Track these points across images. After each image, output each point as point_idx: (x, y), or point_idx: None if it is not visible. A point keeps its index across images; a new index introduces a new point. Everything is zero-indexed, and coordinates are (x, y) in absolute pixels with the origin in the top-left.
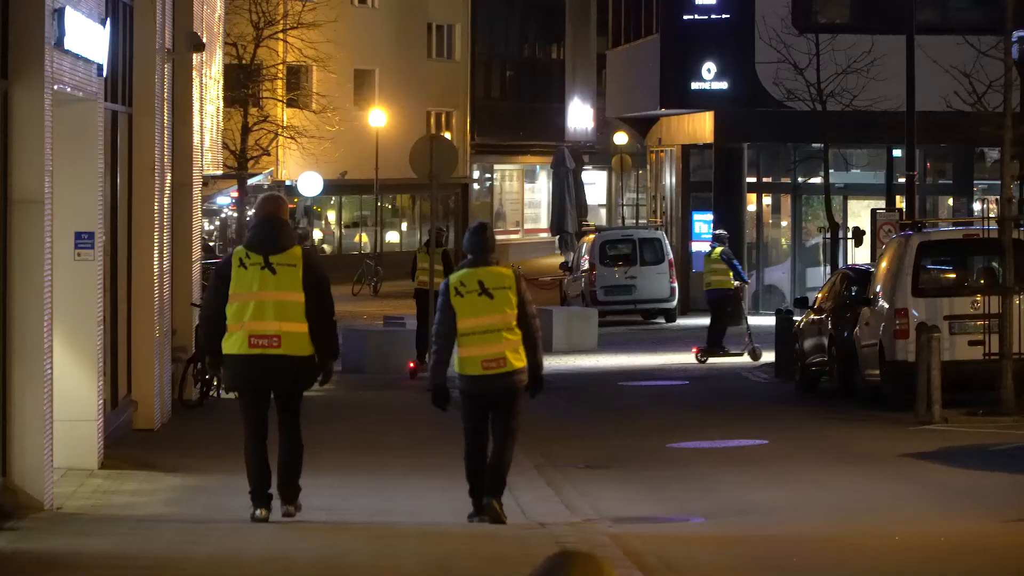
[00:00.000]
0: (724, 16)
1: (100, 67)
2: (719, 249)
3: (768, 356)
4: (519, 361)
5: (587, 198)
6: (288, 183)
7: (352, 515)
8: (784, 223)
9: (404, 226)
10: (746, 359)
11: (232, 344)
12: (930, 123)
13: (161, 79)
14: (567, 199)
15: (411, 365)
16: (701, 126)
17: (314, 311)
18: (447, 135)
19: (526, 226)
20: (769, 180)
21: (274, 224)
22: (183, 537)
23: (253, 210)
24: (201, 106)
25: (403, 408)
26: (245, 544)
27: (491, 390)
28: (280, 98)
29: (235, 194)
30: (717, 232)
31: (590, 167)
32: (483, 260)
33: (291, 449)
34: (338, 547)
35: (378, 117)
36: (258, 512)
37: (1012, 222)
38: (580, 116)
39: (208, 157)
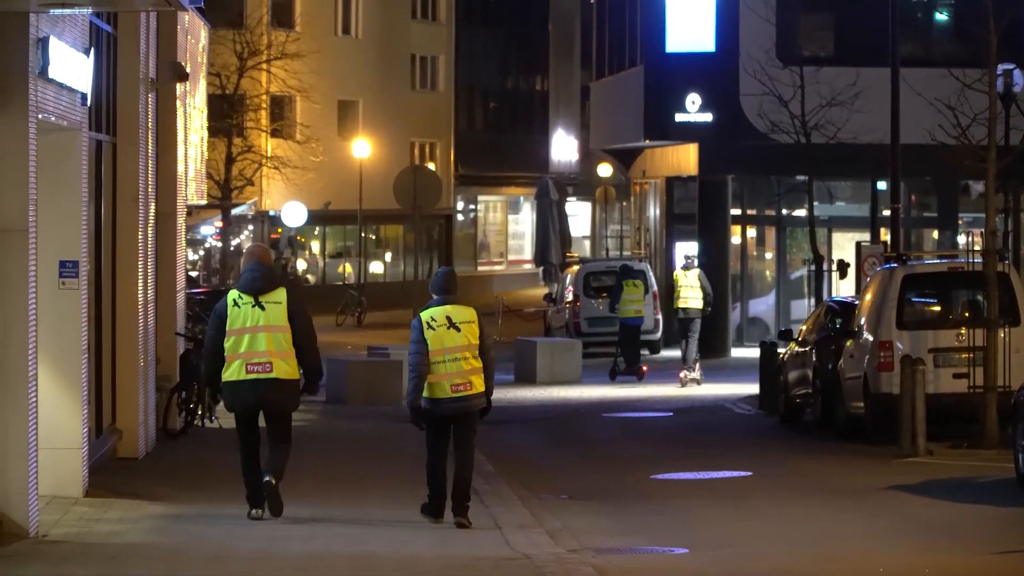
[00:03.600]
0: (708, 49)
1: (84, 96)
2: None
3: (752, 388)
4: (481, 386)
5: (571, 229)
6: (272, 213)
7: (331, 545)
8: (768, 255)
9: (388, 257)
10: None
11: (231, 372)
12: (914, 156)
13: (145, 108)
14: (551, 230)
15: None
16: (685, 158)
17: (299, 340)
18: (431, 166)
19: (510, 257)
20: (753, 212)
21: (261, 268)
22: (163, 565)
23: (243, 258)
24: (185, 136)
25: (383, 439)
26: (225, 573)
27: (456, 411)
28: (264, 128)
29: (219, 224)
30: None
31: (574, 198)
32: (449, 299)
33: (280, 450)
34: None
35: (362, 148)
36: (254, 512)
37: (996, 255)
38: (564, 147)
39: (192, 187)
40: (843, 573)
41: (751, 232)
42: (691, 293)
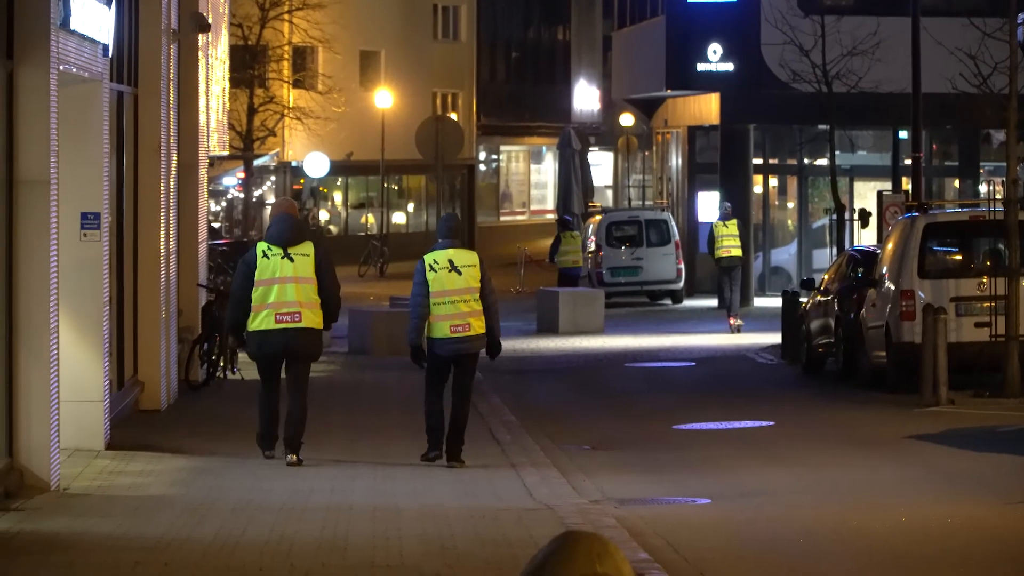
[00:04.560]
0: None
1: (105, 47)
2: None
3: (774, 338)
4: (480, 328)
5: (593, 179)
6: (294, 164)
7: (355, 496)
8: (790, 204)
9: (411, 207)
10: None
11: (259, 321)
12: (935, 105)
13: (167, 59)
14: (573, 180)
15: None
16: (707, 107)
17: (324, 292)
18: (453, 116)
19: (532, 207)
20: (775, 162)
21: (290, 221)
22: (186, 518)
23: (272, 211)
24: (207, 87)
25: (407, 390)
26: (248, 524)
27: (456, 351)
28: (286, 79)
29: (241, 175)
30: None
31: (596, 148)
32: (453, 243)
33: (298, 408)
34: (340, 527)
35: (384, 98)
36: (267, 452)
37: (1017, 204)
38: (586, 97)
39: (214, 138)
40: (866, 522)
41: (773, 181)
42: (733, 243)
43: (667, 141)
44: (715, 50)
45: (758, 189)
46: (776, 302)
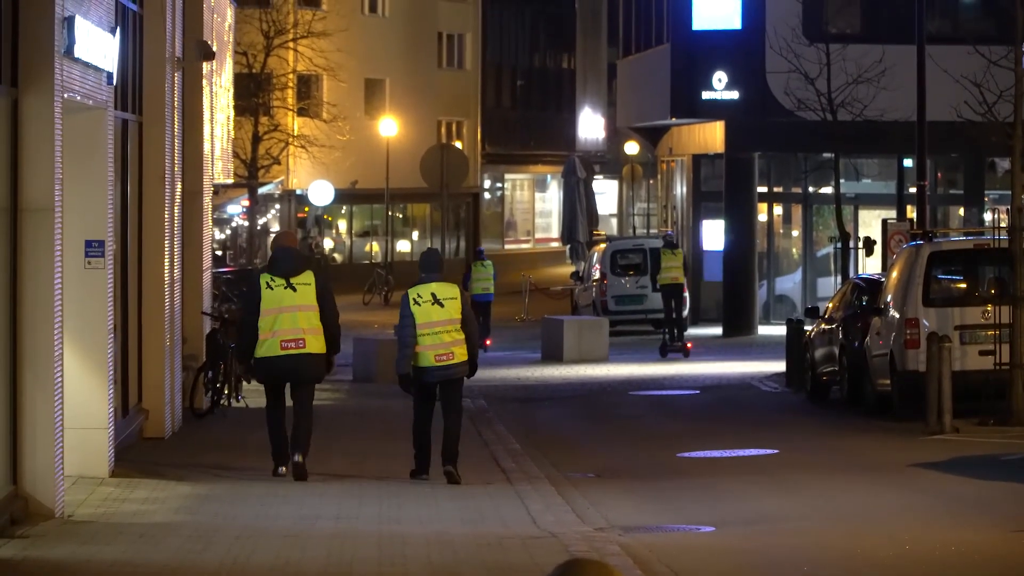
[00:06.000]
0: (735, 26)
1: (110, 75)
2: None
3: (779, 366)
4: (463, 356)
5: (598, 207)
6: (299, 192)
7: (362, 523)
8: (795, 233)
9: (415, 235)
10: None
11: (266, 348)
12: (941, 133)
13: (171, 87)
14: (578, 208)
15: None
16: (712, 136)
17: (324, 317)
18: (458, 144)
19: (537, 235)
20: (780, 190)
21: (291, 253)
22: (191, 545)
23: (272, 243)
24: (211, 115)
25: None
26: (254, 551)
27: (441, 378)
28: (290, 107)
29: (246, 203)
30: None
31: (601, 176)
32: (435, 277)
33: (303, 424)
34: (346, 554)
35: (389, 126)
36: (280, 469)
37: (1022, 231)
38: (591, 125)
39: (218, 166)
40: (870, 549)
41: (778, 210)
42: (679, 271)
43: (672, 169)
44: (720, 78)
45: (763, 217)
46: (780, 330)
